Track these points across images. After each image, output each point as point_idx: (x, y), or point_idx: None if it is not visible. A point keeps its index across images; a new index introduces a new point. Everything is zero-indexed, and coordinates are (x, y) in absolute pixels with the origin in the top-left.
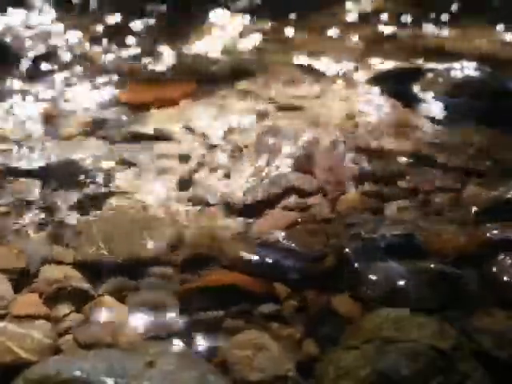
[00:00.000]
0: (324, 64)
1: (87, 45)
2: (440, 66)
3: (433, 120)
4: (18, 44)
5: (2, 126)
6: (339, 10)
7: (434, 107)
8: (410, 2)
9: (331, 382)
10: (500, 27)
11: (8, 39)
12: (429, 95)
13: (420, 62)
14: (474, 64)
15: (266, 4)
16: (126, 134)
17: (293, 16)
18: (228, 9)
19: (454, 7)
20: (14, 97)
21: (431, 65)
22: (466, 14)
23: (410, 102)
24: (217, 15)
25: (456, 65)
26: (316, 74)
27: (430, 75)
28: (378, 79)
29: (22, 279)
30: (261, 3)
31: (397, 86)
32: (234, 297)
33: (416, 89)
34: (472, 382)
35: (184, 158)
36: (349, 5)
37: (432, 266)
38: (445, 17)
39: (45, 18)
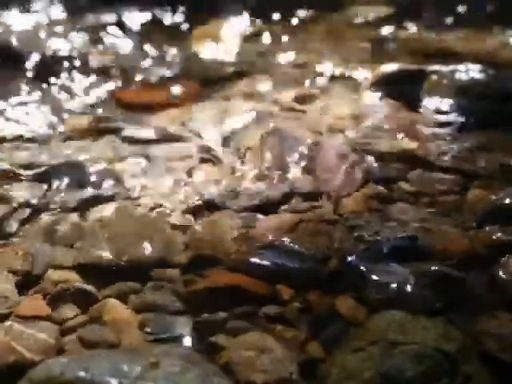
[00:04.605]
0: (327, 66)
1: (89, 45)
2: (444, 68)
3: (436, 122)
4: (21, 44)
5: (4, 126)
6: (342, 11)
7: (438, 109)
8: (412, 4)
9: None
10: (504, 29)
11: (11, 40)
12: (433, 97)
13: (424, 64)
14: (478, 66)
15: (268, 5)
16: (129, 136)
17: (295, 18)
18: (230, 10)
19: (458, 9)
20: (17, 97)
21: (435, 67)
22: (469, 16)
23: (413, 104)
24: (219, 16)
25: (460, 67)
26: (319, 76)
27: (434, 77)
28: (382, 81)
29: (26, 280)
30: (262, 4)
31: (400, 88)
32: (237, 298)
33: (420, 91)
34: None
35: (186, 160)
36: (352, 7)
37: (436, 268)
38: (449, 19)
39: (46, 17)
